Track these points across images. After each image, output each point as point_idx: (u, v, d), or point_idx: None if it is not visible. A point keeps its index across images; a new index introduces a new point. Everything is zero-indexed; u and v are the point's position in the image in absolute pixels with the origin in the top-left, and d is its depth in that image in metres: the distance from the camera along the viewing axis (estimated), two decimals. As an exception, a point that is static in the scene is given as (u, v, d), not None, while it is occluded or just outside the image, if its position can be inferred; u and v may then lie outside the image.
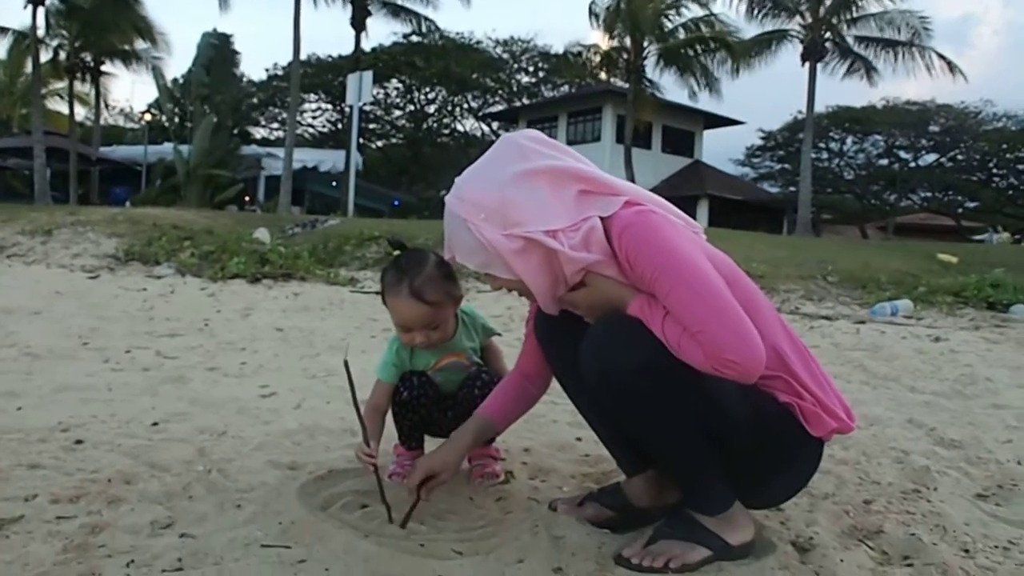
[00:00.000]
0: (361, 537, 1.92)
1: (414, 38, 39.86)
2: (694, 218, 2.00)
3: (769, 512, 2.18)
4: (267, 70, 46.32)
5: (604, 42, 28.30)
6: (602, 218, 1.83)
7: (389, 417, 2.47)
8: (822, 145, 48.64)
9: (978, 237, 28.76)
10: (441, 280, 2.26)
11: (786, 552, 1.93)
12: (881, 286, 9.23)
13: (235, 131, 38.11)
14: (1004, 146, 46.21)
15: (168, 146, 30.52)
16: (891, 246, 14.63)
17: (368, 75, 21.02)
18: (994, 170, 48.57)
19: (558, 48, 43.65)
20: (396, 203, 36.38)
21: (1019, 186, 49.15)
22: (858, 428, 3.38)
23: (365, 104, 27.96)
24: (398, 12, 31.32)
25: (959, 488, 2.56)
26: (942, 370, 4.92)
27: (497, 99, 46.63)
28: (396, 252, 2.36)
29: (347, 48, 31.35)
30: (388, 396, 2.45)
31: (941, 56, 29.01)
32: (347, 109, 27.64)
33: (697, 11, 27.85)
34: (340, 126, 44.63)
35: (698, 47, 27.51)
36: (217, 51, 39.20)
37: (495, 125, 46.80)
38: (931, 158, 48.11)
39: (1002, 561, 1.95)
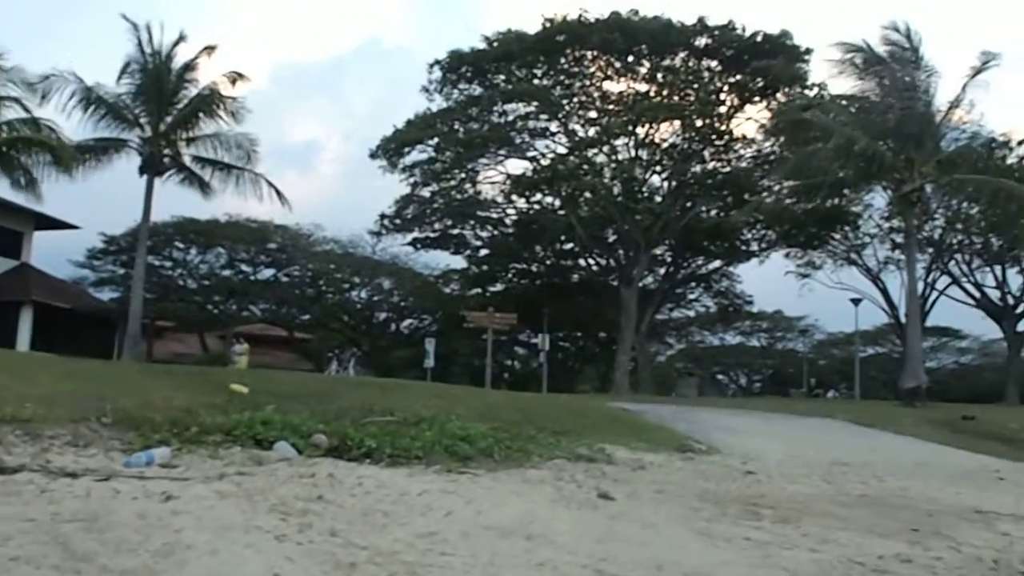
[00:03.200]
0: None
1: None
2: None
3: None
4: None
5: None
6: None
7: None
8: (166, 254, 48.87)
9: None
10: None
11: None
12: (155, 427, 9.28)
13: None
14: (332, 266, 51.11)
15: None
16: (191, 374, 14.89)
17: None
18: (323, 287, 53.38)
19: None
20: None
21: (344, 303, 54.68)
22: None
23: None
24: None
25: None
26: (149, 539, 5.04)
27: None
28: None
29: None
30: None
31: (270, 183, 31.70)
32: None
33: (20, 112, 26.32)
34: None
35: (20, 147, 25.89)
36: None
37: None
38: (269, 272, 51.16)
39: None
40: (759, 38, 40.47)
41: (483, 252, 51.90)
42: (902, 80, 27.94)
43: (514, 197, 45.75)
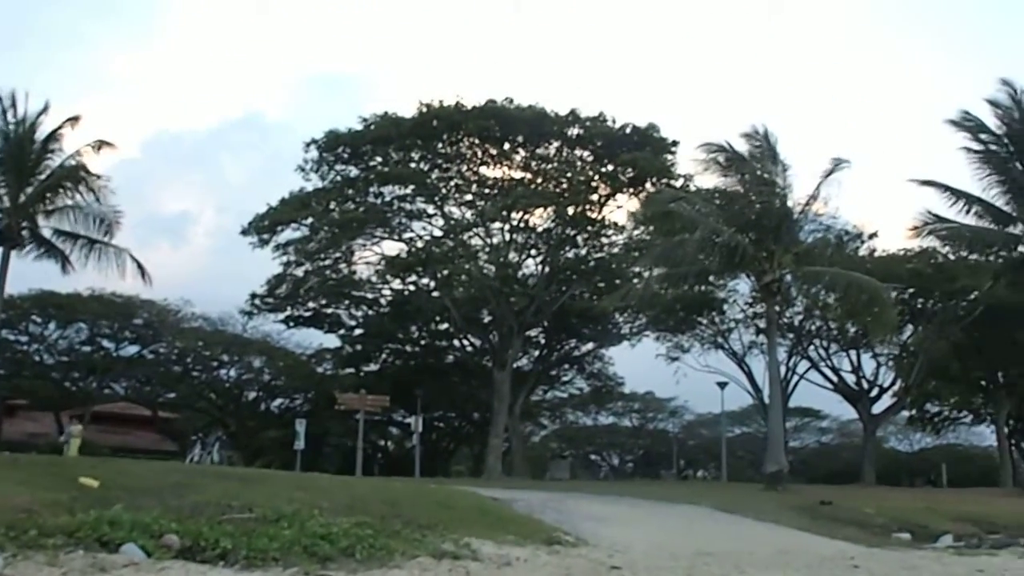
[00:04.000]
0: None
1: None
2: None
3: None
4: None
5: None
6: None
7: None
8: (22, 328, 46.73)
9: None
10: None
11: None
12: (-9, 532, 8.71)
13: None
14: (200, 343, 49.65)
15: None
16: (38, 464, 14.03)
17: None
18: (190, 364, 51.77)
19: None
20: None
21: (211, 381, 53.10)
22: None
23: None
24: None
25: None
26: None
27: None
28: None
29: None
30: None
31: (134, 258, 30.66)
32: None
33: None
34: None
35: None
36: None
37: None
38: (134, 349, 49.30)
39: None
40: (628, 130, 42.00)
41: (357, 332, 51.51)
42: (761, 177, 29.38)
43: (389, 278, 45.68)
